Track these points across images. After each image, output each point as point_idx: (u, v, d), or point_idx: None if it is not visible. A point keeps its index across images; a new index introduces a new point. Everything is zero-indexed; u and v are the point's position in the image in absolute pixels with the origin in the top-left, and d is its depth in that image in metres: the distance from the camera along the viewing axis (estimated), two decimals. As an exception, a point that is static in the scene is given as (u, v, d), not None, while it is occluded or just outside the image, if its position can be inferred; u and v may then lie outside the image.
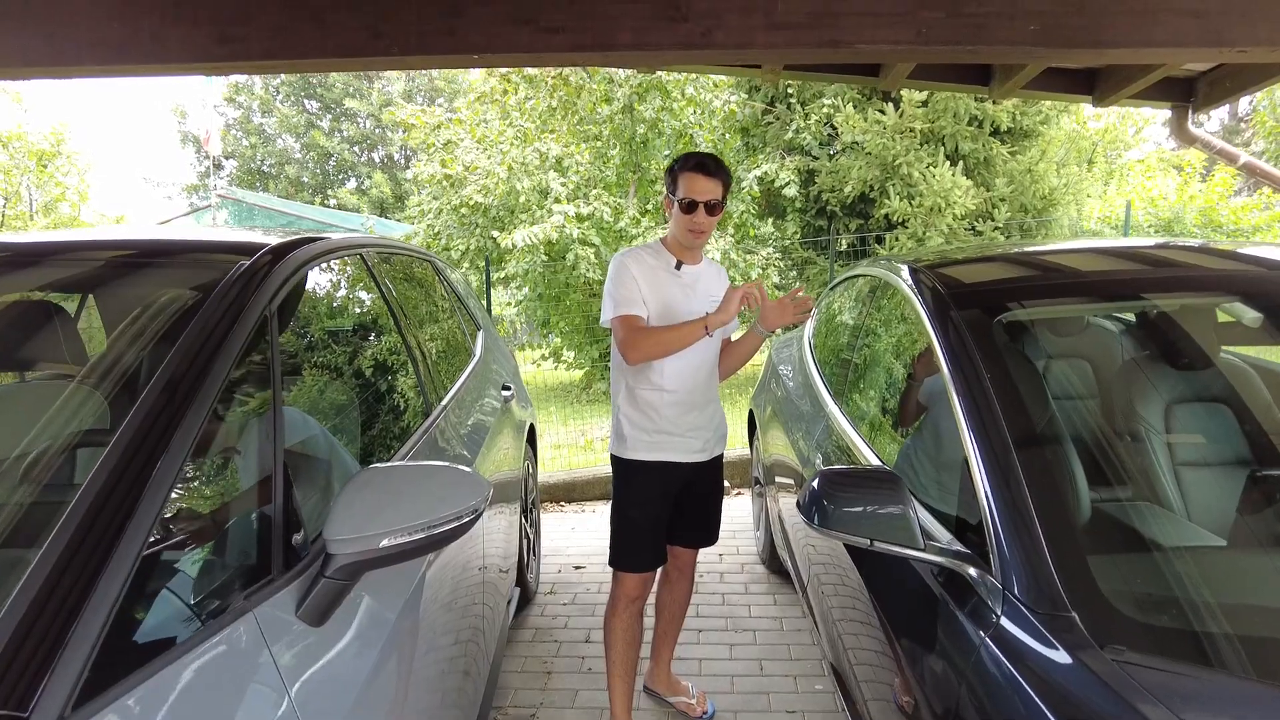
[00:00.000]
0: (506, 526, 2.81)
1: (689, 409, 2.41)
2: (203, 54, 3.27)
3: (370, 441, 1.85)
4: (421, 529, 1.33)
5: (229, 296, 1.46)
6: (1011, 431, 1.59)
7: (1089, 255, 2.34)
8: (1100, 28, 3.03)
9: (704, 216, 2.29)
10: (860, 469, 1.74)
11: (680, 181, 2.30)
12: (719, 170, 2.31)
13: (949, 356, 1.79)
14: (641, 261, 2.37)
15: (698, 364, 2.40)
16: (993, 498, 1.50)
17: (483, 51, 3.18)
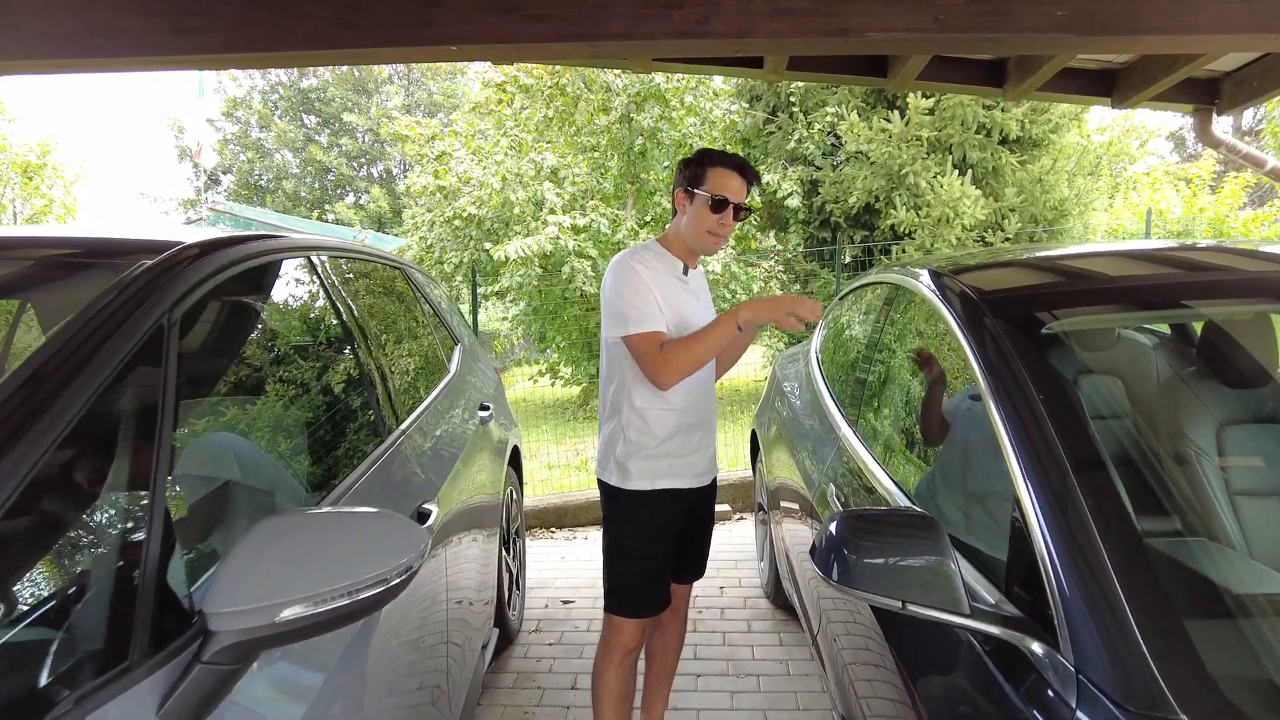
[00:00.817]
0: (481, 560, 2.53)
1: (695, 428, 2.18)
2: (158, 47, 3.02)
3: (306, 475, 1.57)
4: (335, 596, 1.05)
5: (112, 303, 1.19)
6: (1072, 461, 1.32)
7: (1127, 259, 2.07)
8: (1136, 13, 2.78)
9: (732, 221, 2.08)
10: (888, 511, 1.46)
11: (710, 177, 2.06)
12: (755, 177, 2.13)
13: (991, 373, 1.52)
14: (651, 266, 2.10)
15: (704, 376, 2.18)
16: (1054, 546, 1.22)
17: (461, 42, 2.93)
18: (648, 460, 2.12)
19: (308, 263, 1.90)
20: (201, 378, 1.38)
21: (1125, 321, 1.87)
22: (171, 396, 1.18)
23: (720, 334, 1.99)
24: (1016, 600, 1.28)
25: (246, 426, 1.46)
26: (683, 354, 2.00)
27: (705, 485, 2.25)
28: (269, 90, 28.52)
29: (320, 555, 1.08)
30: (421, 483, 1.94)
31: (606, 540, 2.21)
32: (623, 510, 2.17)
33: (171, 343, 1.23)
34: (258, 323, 1.63)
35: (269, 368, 1.59)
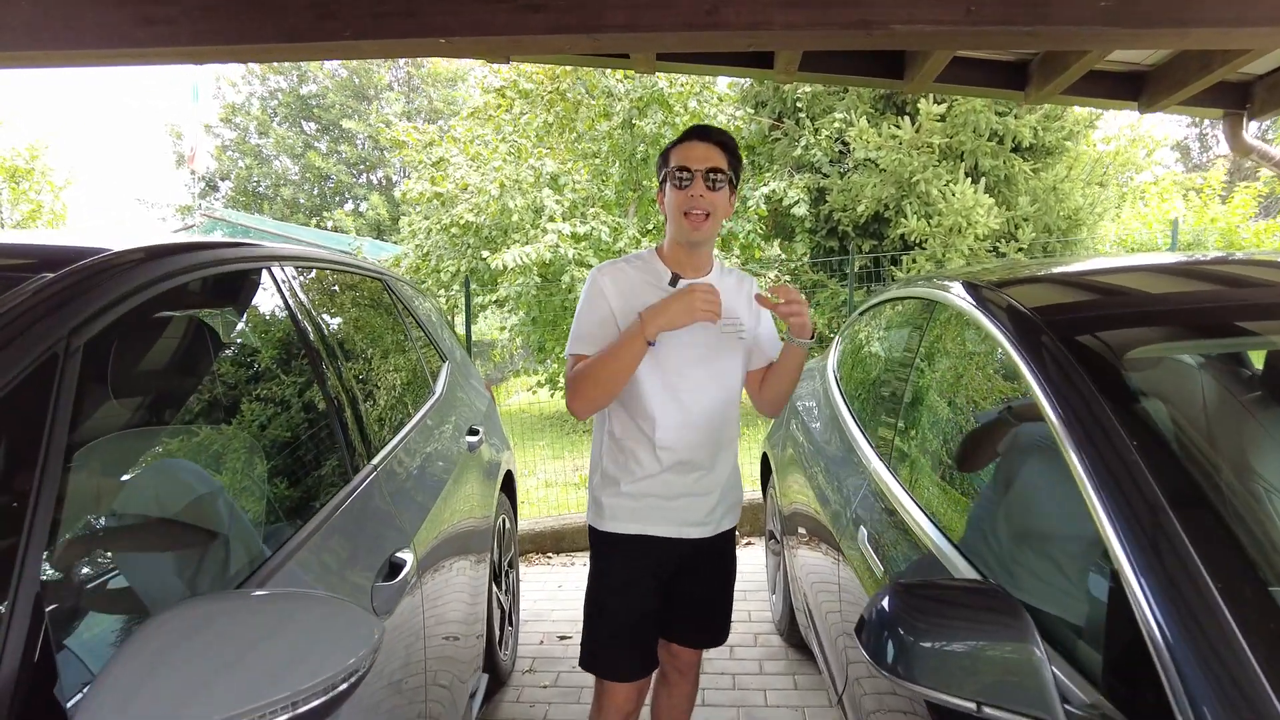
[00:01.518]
0: (468, 599, 2.28)
1: (686, 468, 1.84)
2: (122, 38, 2.79)
3: (251, 528, 1.32)
4: (264, 713, 0.80)
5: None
6: (1177, 511, 1.07)
7: (1184, 275, 1.83)
8: (1185, 4, 2.55)
9: (704, 190, 1.72)
10: (955, 584, 1.21)
11: (672, 158, 1.78)
12: (722, 137, 1.79)
13: (1064, 405, 1.27)
14: (622, 277, 1.81)
15: (704, 406, 1.82)
16: (1165, 622, 0.97)
17: (449, 35, 2.70)
18: (623, 499, 1.84)
19: (267, 275, 1.65)
20: (113, 418, 1.13)
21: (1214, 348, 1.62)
22: (59, 445, 0.93)
23: (625, 350, 1.67)
24: (1116, 698, 1.03)
25: (170, 473, 1.21)
26: (583, 377, 1.72)
27: (704, 537, 1.90)
28: (268, 96, 28.37)
29: (242, 657, 0.84)
30: (396, 527, 1.69)
31: (587, 584, 1.97)
32: (595, 552, 1.93)
33: (64, 375, 0.98)
34: (198, 347, 1.39)
35: (209, 400, 1.34)
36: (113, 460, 1.10)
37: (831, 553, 2.15)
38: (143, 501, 1.17)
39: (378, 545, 1.58)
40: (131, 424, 1.18)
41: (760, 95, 9.24)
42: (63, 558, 0.93)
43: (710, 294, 1.66)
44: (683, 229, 1.76)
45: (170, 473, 1.21)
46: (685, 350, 1.79)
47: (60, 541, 0.91)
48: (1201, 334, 1.56)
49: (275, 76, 28.21)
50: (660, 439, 1.80)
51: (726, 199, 1.78)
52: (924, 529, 1.62)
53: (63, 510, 0.92)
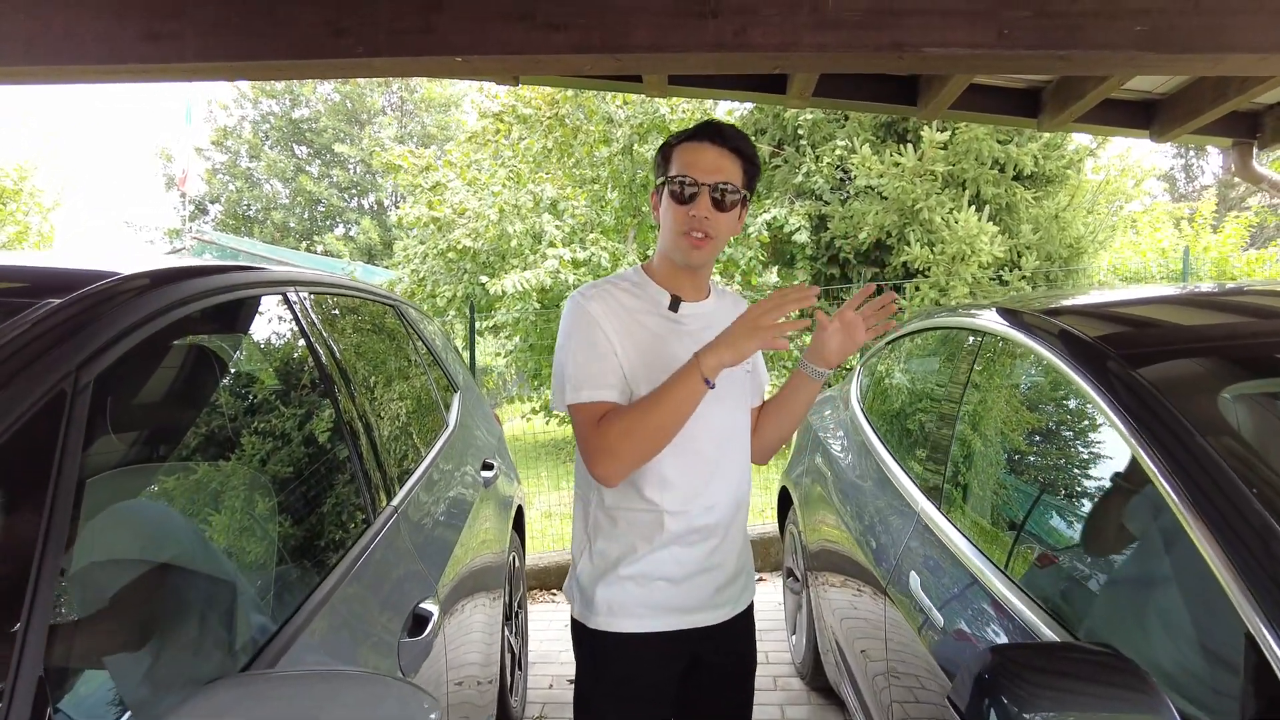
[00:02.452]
0: (484, 643, 2.14)
1: (702, 536, 1.47)
2: (127, 53, 2.68)
3: (273, 580, 1.19)
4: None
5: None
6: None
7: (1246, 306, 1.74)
8: (1222, 28, 2.50)
9: (709, 209, 1.39)
10: (1069, 648, 1.09)
11: (675, 159, 1.44)
12: (741, 143, 1.44)
13: (1165, 455, 1.16)
14: (613, 302, 1.46)
15: (723, 456, 1.49)
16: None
17: (467, 53, 2.61)
18: (624, 586, 1.45)
19: (283, 301, 1.54)
20: (124, 457, 1.01)
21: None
22: (67, 497, 0.81)
23: (681, 395, 1.31)
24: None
25: (193, 520, 1.08)
26: (626, 430, 1.33)
27: (723, 622, 1.53)
28: (260, 120, 28.34)
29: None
30: (418, 576, 1.56)
31: (575, 686, 1.58)
32: (589, 656, 1.53)
33: (74, 412, 0.86)
34: (214, 379, 1.27)
35: (230, 440, 1.22)
36: (122, 506, 0.98)
37: (874, 596, 2.03)
38: (143, 547, 1.04)
39: (401, 597, 1.45)
40: (143, 461, 1.05)
41: (760, 123, 9.24)
42: (69, 613, 0.81)
43: (777, 310, 1.29)
44: (679, 249, 1.43)
45: (163, 519, 1.08)
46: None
47: (66, 599, 0.79)
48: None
49: (267, 100, 28.22)
50: (670, 502, 1.44)
51: (735, 218, 1.45)
52: (990, 578, 1.51)
53: (70, 560, 0.80)
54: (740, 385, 1.54)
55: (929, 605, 1.65)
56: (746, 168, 1.45)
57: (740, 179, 1.44)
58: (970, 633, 1.51)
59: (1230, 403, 1.27)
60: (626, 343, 1.43)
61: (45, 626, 0.71)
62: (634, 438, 1.34)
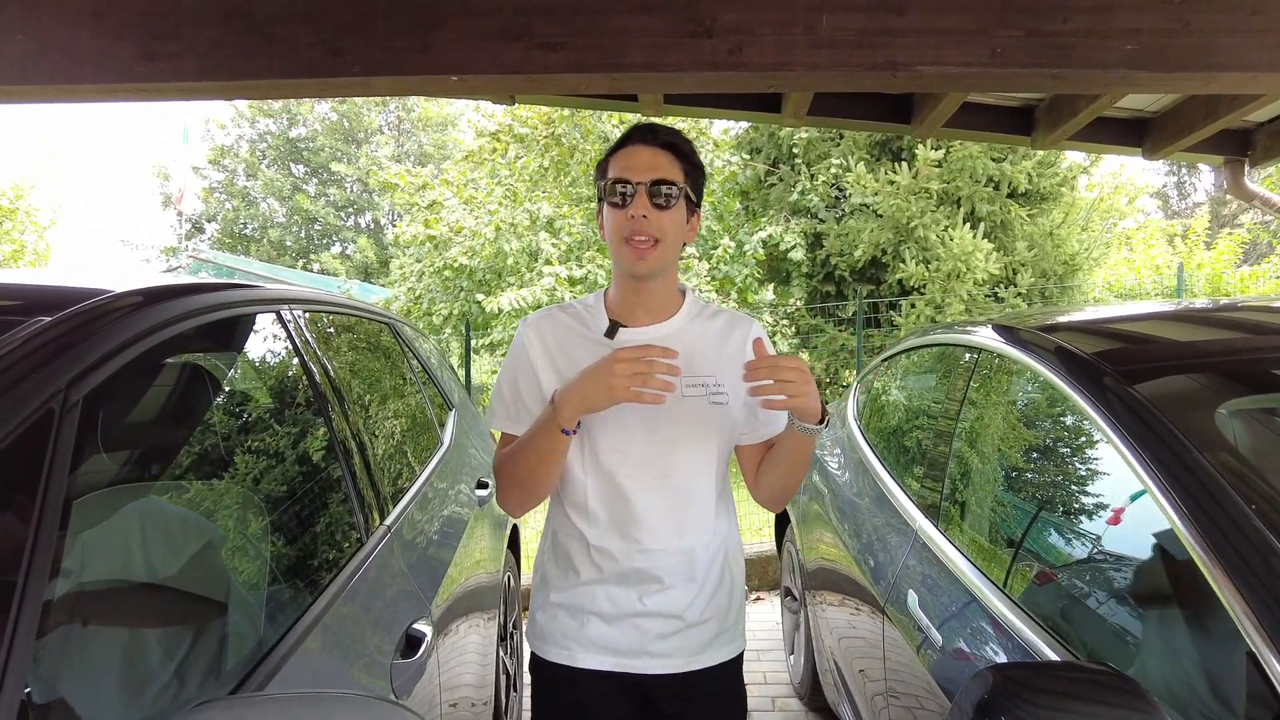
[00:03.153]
0: (479, 665, 2.11)
1: (633, 578, 1.36)
2: (124, 72, 2.69)
3: (265, 598, 1.17)
4: None
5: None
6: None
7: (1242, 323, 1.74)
8: (1212, 48, 2.52)
9: (648, 208, 1.28)
10: (1070, 668, 1.08)
11: (610, 167, 1.34)
12: (676, 139, 1.35)
13: (1166, 474, 1.16)
14: (549, 328, 1.39)
15: (653, 499, 1.35)
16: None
17: (464, 72, 2.62)
18: (551, 612, 1.40)
19: (277, 319, 1.53)
20: (113, 477, 0.99)
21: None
22: (54, 516, 0.80)
23: (539, 442, 1.26)
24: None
25: (184, 543, 1.07)
26: (501, 471, 1.36)
27: (672, 673, 1.38)
28: (257, 139, 28.46)
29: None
30: (412, 595, 1.55)
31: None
32: (534, 683, 1.46)
33: (60, 433, 0.85)
34: (206, 399, 1.26)
35: (222, 460, 1.21)
36: (111, 525, 0.97)
37: (872, 615, 2.01)
38: (133, 562, 1.02)
39: (394, 617, 1.44)
40: (133, 480, 1.04)
41: (755, 141, 9.30)
42: (54, 637, 0.79)
43: (636, 363, 1.17)
44: (624, 259, 1.31)
45: (162, 522, 1.07)
46: (622, 420, 1.32)
47: (53, 620, 0.77)
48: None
49: (264, 119, 28.35)
50: (594, 535, 1.36)
51: (682, 219, 1.33)
52: (989, 596, 1.50)
53: (55, 584, 0.78)
54: (691, 423, 1.35)
55: (928, 624, 1.64)
56: (686, 166, 1.34)
57: (680, 176, 1.32)
58: (969, 651, 1.49)
59: (1226, 418, 1.27)
60: (548, 375, 1.36)
61: (29, 647, 0.70)
62: (506, 477, 1.35)
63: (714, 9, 2.54)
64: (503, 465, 1.35)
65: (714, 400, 1.36)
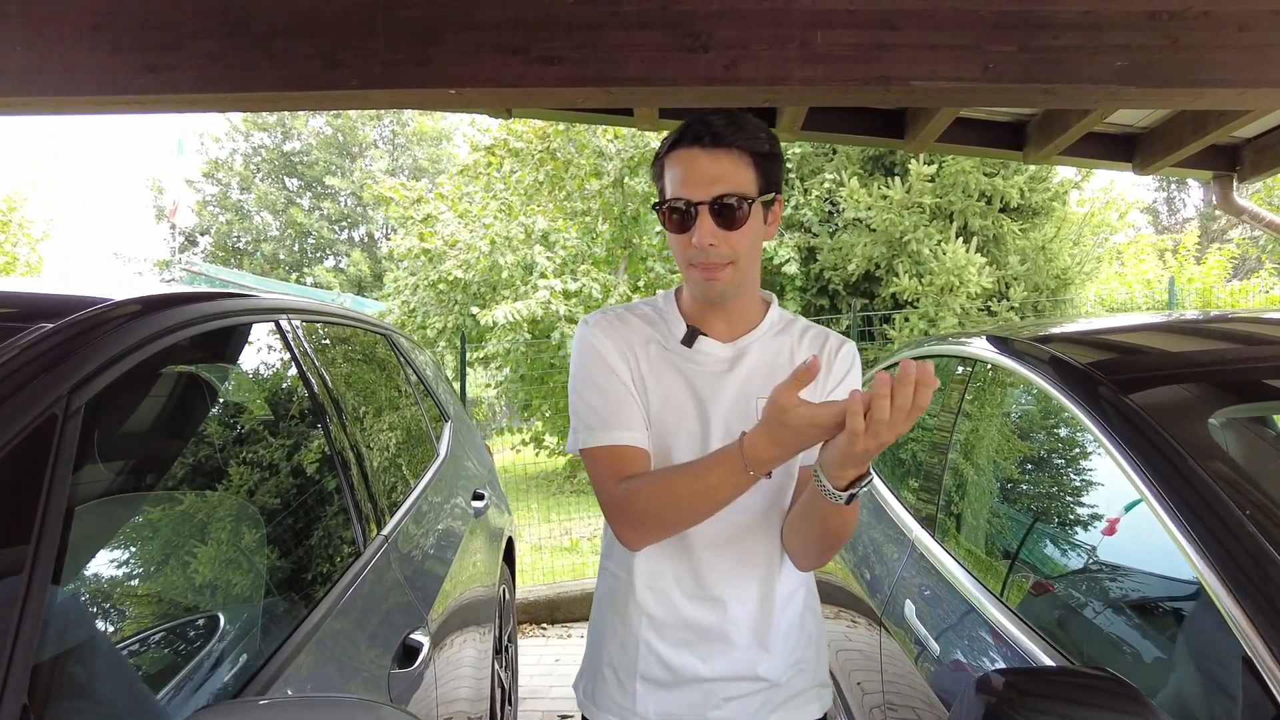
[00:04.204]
0: (475, 677, 2.10)
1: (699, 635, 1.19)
2: (123, 85, 2.70)
3: (263, 605, 1.17)
4: None
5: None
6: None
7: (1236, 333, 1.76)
8: (1200, 63, 2.56)
9: (714, 234, 1.10)
10: (1067, 672, 1.08)
11: (666, 176, 1.16)
12: (737, 134, 1.11)
13: (1158, 481, 1.17)
14: (619, 331, 1.23)
15: (708, 532, 1.17)
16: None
17: (462, 85, 2.64)
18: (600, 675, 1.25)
19: (276, 328, 1.53)
20: (114, 484, 0.99)
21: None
22: (56, 521, 0.80)
23: (716, 476, 1.04)
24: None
25: (182, 548, 1.07)
26: (649, 496, 1.10)
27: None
28: (251, 153, 28.49)
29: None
30: (409, 606, 1.54)
31: None
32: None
33: (63, 439, 0.85)
34: (206, 406, 1.26)
35: (220, 468, 1.21)
36: (110, 532, 0.97)
37: (869, 626, 2.01)
38: (131, 569, 1.02)
39: (391, 627, 1.43)
40: (133, 487, 1.04)
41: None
42: (54, 643, 0.79)
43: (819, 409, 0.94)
44: (694, 282, 1.17)
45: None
46: (682, 445, 1.19)
47: (53, 627, 0.77)
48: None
49: (259, 133, 28.40)
50: (643, 574, 1.21)
51: (758, 227, 1.15)
52: (986, 606, 1.50)
53: (57, 590, 0.78)
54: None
55: (925, 635, 1.64)
56: (758, 162, 1.13)
57: (751, 179, 1.12)
58: (967, 662, 1.49)
59: (1219, 427, 1.28)
60: (640, 376, 1.20)
61: (30, 655, 0.70)
62: (666, 503, 1.10)
63: (710, 25, 2.57)
64: (649, 495, 1.10)
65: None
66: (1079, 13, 2.54)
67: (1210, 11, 2.52)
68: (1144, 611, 1.22)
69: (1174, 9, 2.53)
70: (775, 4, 2.57)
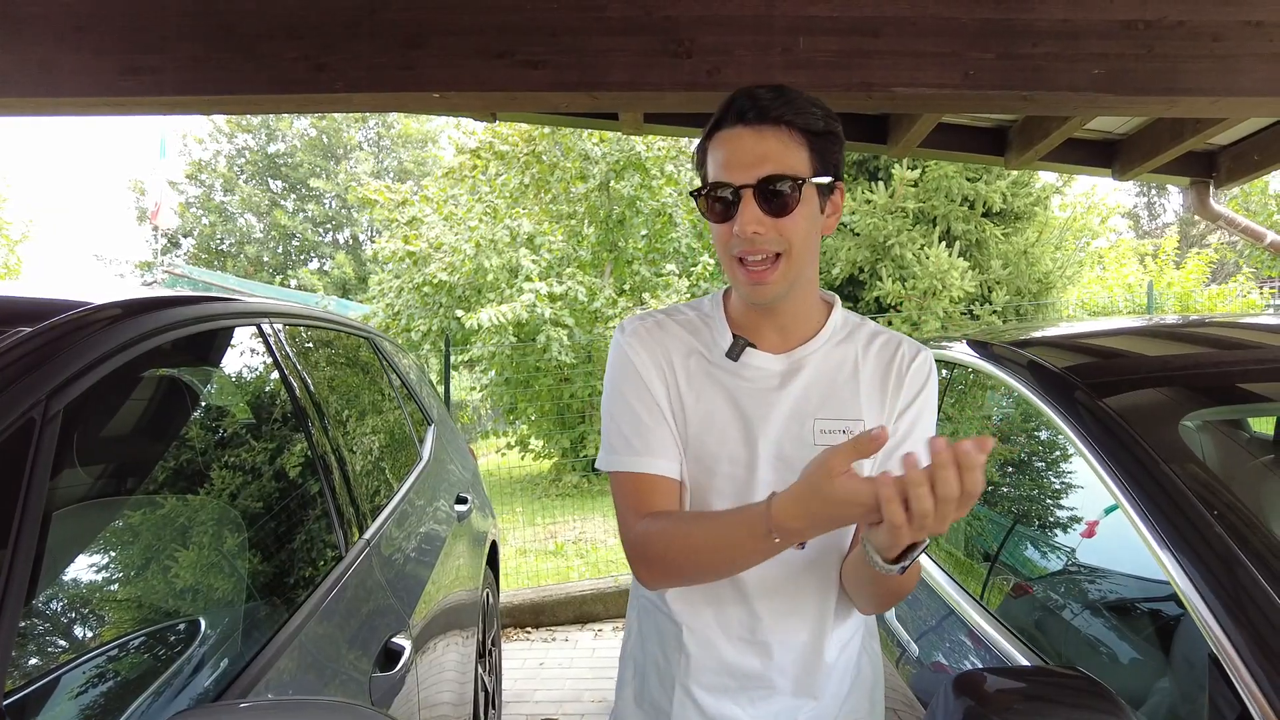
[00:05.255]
0: (457, 680, 2.10)
1: (745, 681, 1.08)
2: (104, 87, 2.68)
3: (243, 610, 1.17)
4: None
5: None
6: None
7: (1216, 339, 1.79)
8: (1174, 73, 2.60)
9: (759, 221, 0.96)
10: (1040, 672, 1.10)
11: (710, 158, 1.02)
12: (786, 109, 0.96)
13: (1135, 485, 1.19)
14: (658, 342, 1.09)
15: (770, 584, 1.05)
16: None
17: (446, 89, 2.64)
18: (641, 705, 1.14)
19: (257, 333, 1.53)
20: (92, 489, 0.99)
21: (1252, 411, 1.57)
22: (34, 526, 0.80)
23: (738, 536, 0.93)
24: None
25: (163, 553, 1.06)
26: (667, 544, 0.99)
27: None
28: (235, 154, 28.29)
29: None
30: (390, 609, 1.54)
31: None
32: None
33: (41, 443, 0.85)
34: (185, 411, 1.25)
35: (201, 473, 1.20)
36: (90, 535, 0.96)
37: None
38: (109, 573, 1.02)
39: (373, 630, 1.43)
40: (112, 492, 1.04)
41: (734, 160, 9.40)
42: (31, 647, 0.79)
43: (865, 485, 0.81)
44: (738, 282, 1.02)
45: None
46: (736, 475, 1.05)
47: (31, 628, 0.77)
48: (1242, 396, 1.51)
49: (243, 135, 28.21)
50: (689, 615, 1.08)
51: (814, 212, 1.01)
52: (967, 611, 1.52)
53: (35, 593, 0.78)
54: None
55: (906, 638, 1.66)
56: (812, 142, 0.98)
57: (804, 160, 0.97)
58: (947, 664, 1.51)
59: (1191, 430, 1.31)
60: (662, 394, 1.07)
61: (7, 657, 0.70)
62: (671, 561, 1.00)
63: (693, 30, 2.59)
64: (666, 543, 0.99)
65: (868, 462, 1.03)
66: (1057, 21, 2.58)
67: (1185, 22, 2.57)
68: (1118, 613, 1.24)
69: (1149, 19, 2.57)
70: (758, 10, 2.59)
